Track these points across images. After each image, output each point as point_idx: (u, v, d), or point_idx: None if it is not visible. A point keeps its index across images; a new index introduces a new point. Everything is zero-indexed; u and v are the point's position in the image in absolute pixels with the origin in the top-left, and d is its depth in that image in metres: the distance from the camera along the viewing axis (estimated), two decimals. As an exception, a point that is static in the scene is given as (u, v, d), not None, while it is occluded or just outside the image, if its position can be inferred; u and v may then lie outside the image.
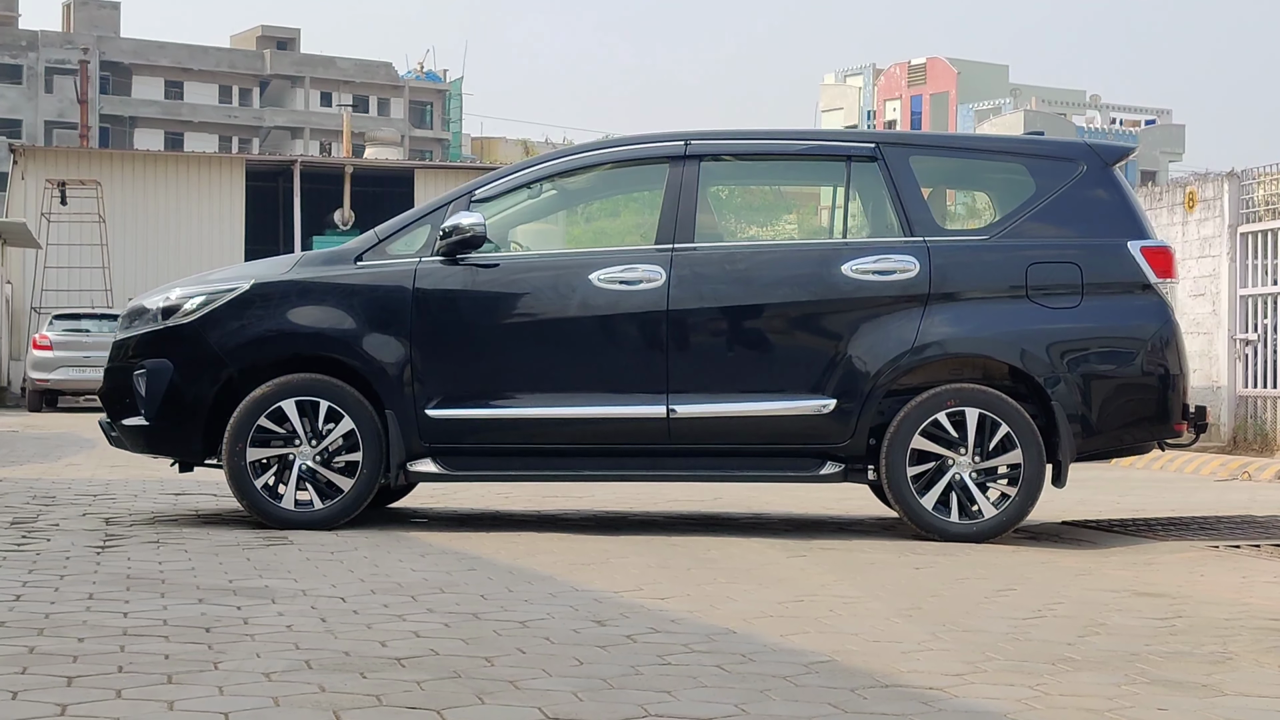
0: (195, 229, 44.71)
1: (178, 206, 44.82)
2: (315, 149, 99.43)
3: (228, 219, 45.40)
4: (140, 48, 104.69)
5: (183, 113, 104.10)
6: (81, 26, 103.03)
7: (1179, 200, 22.55)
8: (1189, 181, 22.98)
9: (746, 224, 12.76)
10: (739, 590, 7.29)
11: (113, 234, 42.28)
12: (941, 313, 9.63)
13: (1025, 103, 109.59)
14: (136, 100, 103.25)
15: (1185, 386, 9.89)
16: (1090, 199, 9.95)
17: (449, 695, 4.82)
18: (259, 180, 47.56)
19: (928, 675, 5.30)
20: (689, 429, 9.57)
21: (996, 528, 9.52)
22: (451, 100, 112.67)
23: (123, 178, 44.50)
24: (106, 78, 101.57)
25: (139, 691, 4.80)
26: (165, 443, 9.84)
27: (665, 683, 5.07)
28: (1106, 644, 6.02)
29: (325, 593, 6.93)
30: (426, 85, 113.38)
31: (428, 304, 9.60)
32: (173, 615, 6.25)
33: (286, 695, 4.77)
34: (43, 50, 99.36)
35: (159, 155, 48.95)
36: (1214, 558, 9.14)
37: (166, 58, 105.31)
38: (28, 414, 32.93)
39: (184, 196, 45.05)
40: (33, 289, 41.63)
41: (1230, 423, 21.04)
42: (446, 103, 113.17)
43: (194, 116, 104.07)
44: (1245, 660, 5.73)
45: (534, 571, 7.79)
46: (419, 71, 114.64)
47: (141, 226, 44.06)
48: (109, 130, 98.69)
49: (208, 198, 45.18)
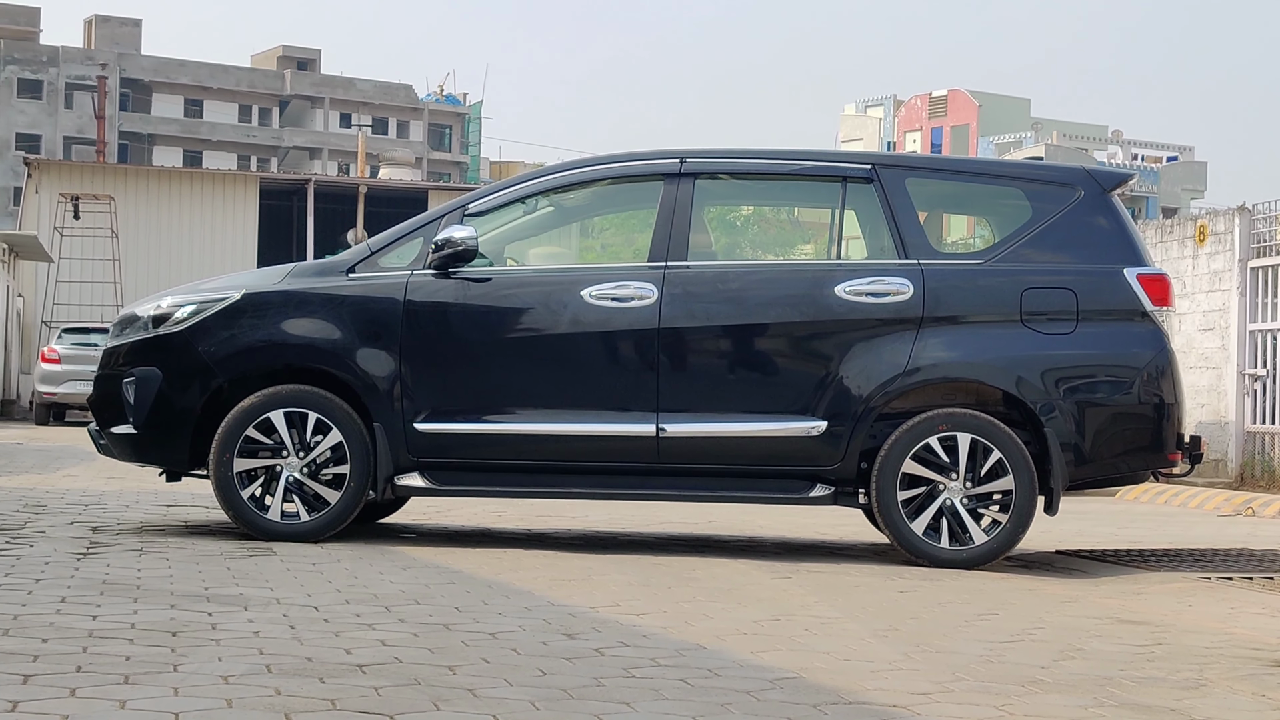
0: (208, 246, 44.73)
1: (191, 223, 44.89)
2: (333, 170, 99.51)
3: (240, 236, 45.44)
4: (161, 65, 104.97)
5: (202, 131, 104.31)
6: (103, 43, 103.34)
7: (1190, 234, 22.49)
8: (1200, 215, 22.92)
9: (741, 243, 12.69)
10: (716, 608, 7.24)
11: (125, 249, 42.36)
12: (935, 336, 9.57)
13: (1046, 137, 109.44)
14: (156, 118, 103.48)
15: (1180, 416, 9.82)
16: (1087, 225, 9.89)
17: (405, 701, 4.77)
18: (273, 199, 47.64)
19: (894, 694, 5.25)
20: (678, 448, 9.51)
21: (986, 554, 9.44)
22: (471, 123, 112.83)
23: (136, 193, 44.58)
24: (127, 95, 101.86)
25: (93, 691, 4.76)
26: (152, 452, 9.78)
27: (625, 694, 5.02)
28: (1081, 668, 5.96)
29: (299, 601, 6.89)
30: (446, 108, 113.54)
31: (418, 317, 9.55)
32: (141, 620, 6.20)
33: (240, 697, 4.73)
34: (63, 66, 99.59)
35: (173, 171, 48.97)
36: (1204, 589, 9.07)
37: (187, 76, 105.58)
38: (34, 427, 32.95)
39: (197, 213, 45.11)
40: (44, 302, 41.68)
41: (1238, 459, 20.95)
42: (466, 126, 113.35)
43: (213, 135, 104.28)
44: (1219, 687, 5.66)
45: (513, 586, 7.74)
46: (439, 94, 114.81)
47: (154, 242, 44.10)
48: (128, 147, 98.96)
49: (221, 215, 45.23)
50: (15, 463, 17.60)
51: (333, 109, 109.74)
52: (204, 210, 45.22)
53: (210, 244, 44.84)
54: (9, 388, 39.83)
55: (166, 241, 44.35)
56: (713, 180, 10.12)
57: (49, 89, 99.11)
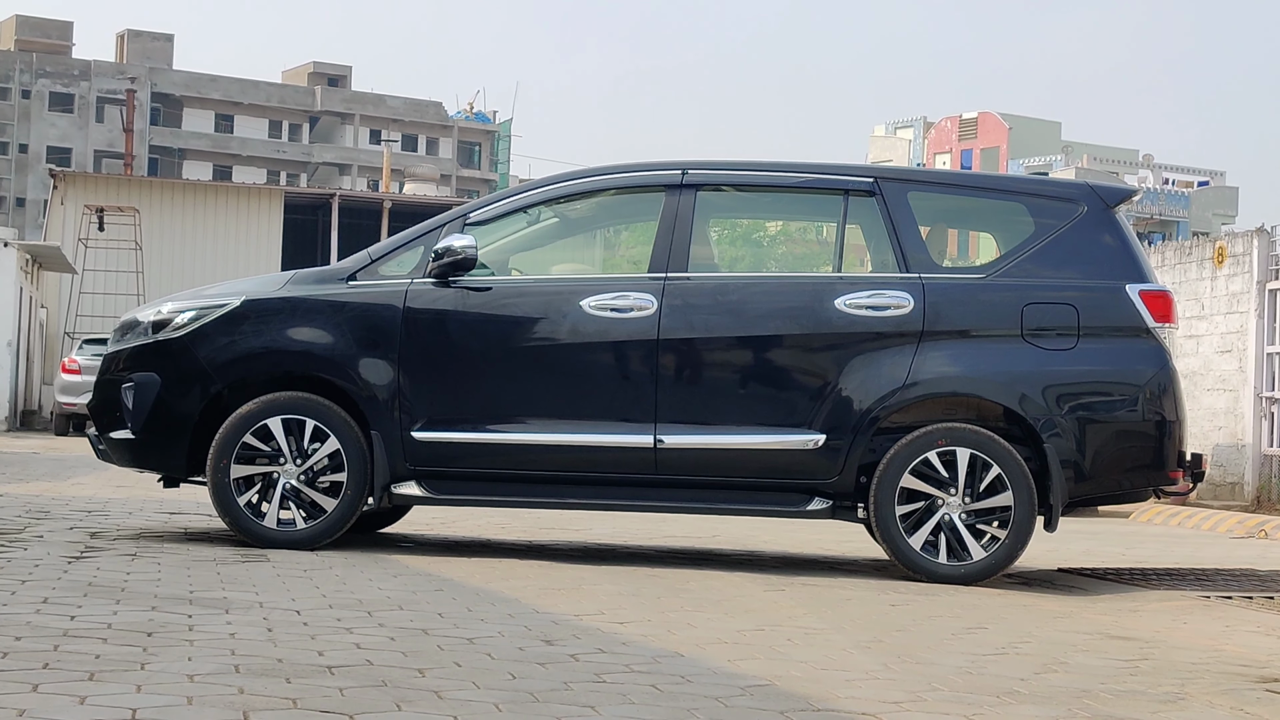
0: (231, 258, 44.83)
1: (215, 236, 45.00)
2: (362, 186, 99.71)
3: (264, 250, 45.54)
4: (192, 80, 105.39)
5: (232, 146, 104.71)
6: (134, 57, 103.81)
7: (1208, 255, 22.41)
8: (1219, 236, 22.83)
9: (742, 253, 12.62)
10: (702, 618, 7.21)
11: (149, 261, 42.44)
12: (935, 351, 9.52)
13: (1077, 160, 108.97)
14: (187, 132, 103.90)
15: (1182, 434, 9.76)
16: (1090, 240, 9.84)
17: (368, 702, 4.75)
18: (298, 213, 47.77)
19: (864, 702, 5.21)
20: (676, 460, 9.47)
21: (984, 570, 9.39)
22: (500, 141, 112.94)
23: (161, 206, 44.72)
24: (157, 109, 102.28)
25: (56, 687, 4.75)
26: (150, 457, 9.77)
27: (592, 699, 4.99)
28: (1060, 681, 5.92)
29: (282, 605, 6.87)
30: (476, 126, 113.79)
31: (417, 325, 9.54)
32: (120, 621, 6.19)
33: (201, 695, 4.71)
34: (95, 80, 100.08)
35: (197, 184, 49.15)
36: (1201, 607, 9.01)
37: (218, 91, 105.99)
38: (53, 437, 33.07)
39: (221, 226, 45.23)
40: (67, 314, 41.78)
41: (1254, 481, 20.87)
42: (495, 143, 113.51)
43: (243, 150, 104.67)
44: (1198, 701, 5.62)
45: (501, 594, 7.71)
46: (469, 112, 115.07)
47: (178, 254, 44.21)
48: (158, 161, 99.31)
49: (245, 228, 45.33)
50: (28, 471, 17.63)
51: (362, 125, 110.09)
52: (228, 223, 45.34)
53: (234, 257, 44.93)
54: (31, 398, 39.94)
55: (190, 254, 44.45)
56: (714, 192, 10.09)
57: (80, 103, 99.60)
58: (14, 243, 35.95)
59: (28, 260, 38.22)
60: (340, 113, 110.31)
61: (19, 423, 37.54)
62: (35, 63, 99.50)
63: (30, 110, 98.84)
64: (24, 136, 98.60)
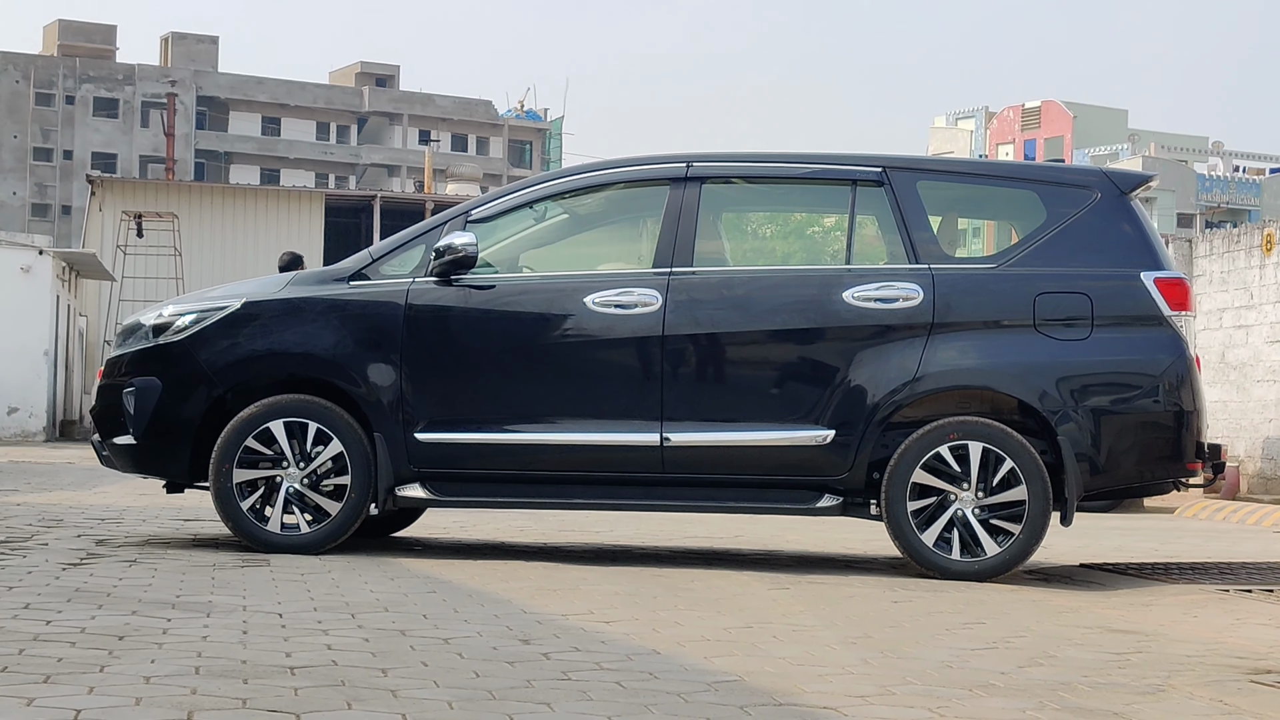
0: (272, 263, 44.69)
1: (255, 240, 44.96)
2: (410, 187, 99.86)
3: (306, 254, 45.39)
4: (238, 83, 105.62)
5: (279, 149, 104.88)
6: (179, 61, 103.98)
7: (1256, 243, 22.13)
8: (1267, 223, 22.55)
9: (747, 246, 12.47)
10: (692, 616, 7.11)
11: (188, 267, 42.32)
12: (945, 343, 9.39)
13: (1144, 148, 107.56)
14: (233, 136, 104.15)
15: (1200, 424, 9.59)
16: (1104, 228, 9.68)
17: (319, 701, 4.68)
18: (339, 216, 47.77)
19: (831, 696, 5.11)
20: (683, 458, 9.36)
21: (999, 566, 9.25)
22: (551, 139, 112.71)
23: (200, 211, 44.74)
24: (203, 113, 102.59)
25: (7, 690, 4.69)
26: (153, 462, 9.70)
27: (550, 696, 4.91)
28: (1041, 674, 5.80)
29: (265, 609, 6.80)
30: (526, 124, 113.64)
31: (419, 325, 9.45)
32: (95, 625, 6.13)
33: (151, 696, 4.65)
34: (139, 84, 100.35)
35: (237, 189, 49.19)
36: (1216, 601, 8.86)
37: (264, 93, 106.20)
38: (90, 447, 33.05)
39: (261, 230, 45.19)
40: (106, 322, 41.69)
41: (1302, 474, 20.63)
42: (546, 142, 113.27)
43: (290, 153, 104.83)
44: (1178, 693, 5.49)
45: (494, 595, 7.63)
46: (519, 110, 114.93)
47: (217, 259, 44.14)
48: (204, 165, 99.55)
49: (286, 232, 45.23)
50: (54, 480, 17.66)
51: (411, 126, 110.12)
52: (268, 227, 45.30)
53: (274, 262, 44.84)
54: (71, 408, 39.83)
55: (230, 259, 44.39)
56: (720, 184, 9.98)
57: (125, 107, 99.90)
58: (49, 250, 35.90)
59: (65, 268, 38.19)
60: (388, 113, 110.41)
61: (58, 433, 37.37)
62: (79, 68, 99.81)
63: (74, 116, 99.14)
64: (68, 143, 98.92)
